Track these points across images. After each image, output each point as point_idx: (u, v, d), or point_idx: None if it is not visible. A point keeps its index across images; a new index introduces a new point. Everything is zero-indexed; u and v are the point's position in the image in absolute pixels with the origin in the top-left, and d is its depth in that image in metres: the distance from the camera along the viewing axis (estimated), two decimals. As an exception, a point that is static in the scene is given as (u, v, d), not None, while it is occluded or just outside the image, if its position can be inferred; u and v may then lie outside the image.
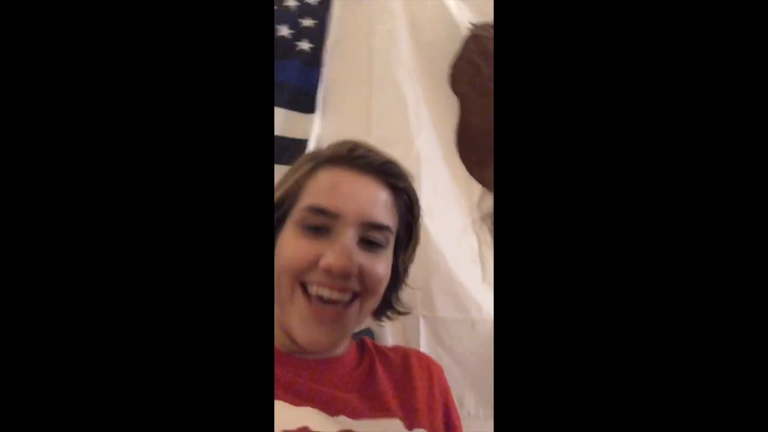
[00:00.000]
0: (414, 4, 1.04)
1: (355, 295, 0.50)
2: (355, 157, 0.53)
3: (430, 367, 0.57)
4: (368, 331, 0.80)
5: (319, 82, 0.96)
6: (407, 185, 0.56)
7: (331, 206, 0.49)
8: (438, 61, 0.99)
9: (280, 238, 0.51)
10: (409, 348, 0.61)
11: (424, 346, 0.83)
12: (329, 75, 0.99)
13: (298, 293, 0.48)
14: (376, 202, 0.51)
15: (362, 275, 0.49)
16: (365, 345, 0.58)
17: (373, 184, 0.52)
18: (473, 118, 0.97)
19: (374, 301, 0.53)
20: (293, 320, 0.49)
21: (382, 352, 0.58)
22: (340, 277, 0.47)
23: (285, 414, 0.43)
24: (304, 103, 0.94)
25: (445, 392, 0.57)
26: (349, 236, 0.48)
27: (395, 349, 0.59)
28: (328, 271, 0.47)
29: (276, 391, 0.43)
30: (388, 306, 0.59)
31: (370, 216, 0.50)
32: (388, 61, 0.99)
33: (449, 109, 0.97)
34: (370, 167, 0.53)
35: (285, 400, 0.45)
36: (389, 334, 0.84)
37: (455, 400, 0.59)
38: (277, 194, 0.54)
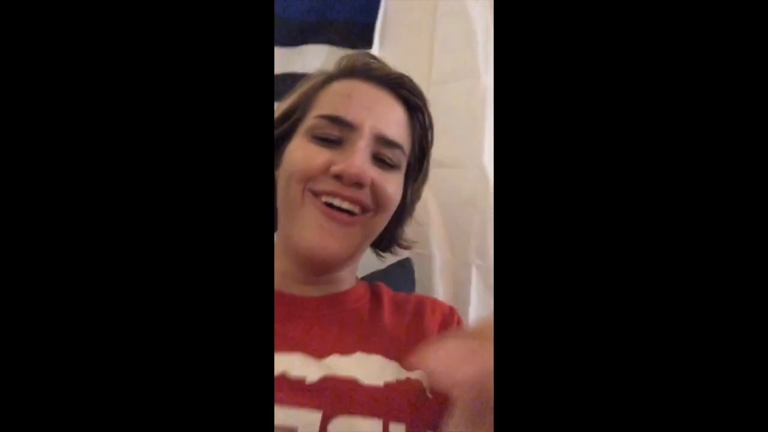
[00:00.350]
0: None
1: (365, 211, 0.48)
2: (371, 68, 0.51)
3: (444, 313, 0.54)
4: (407, 261, 0.78)
5: (378, 14, 0.90)
6: (422, 104, 0.53)
7: (347, 115, 0.47)
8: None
9: (289, 147, 0.50)
10: (426, 296, 0.57)
11: (475, 295, 0.80)
12: (391, 5, 0.92)
13: (309, 199, 0.47)
14: (391, 118, 0.49)
15: (373, 190, 0.47)
16: (378, 290, 0.55)
17: (389, 98, 0.50)
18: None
19: (383, 221, 0.50)
20: (302, 226, 0.46)
21: (395, 299, 0.54)
22: (352, 184, 0.45)
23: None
24: (363, 37, 0.89)
25: None
26: (363, 146, 0.46)
27: (410, 297, 0.56)
28: (340, 178, 0.45)
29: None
30: (391, 239, 0.57)
31: (385, 131, 0.48)
32: (458, -17, 0.88)
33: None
34: (385, 79, 0.51)
35: (276, 349, 0.43)
36: (439, 280, 0.83)
37: None
38: (286, 105, 0.52)
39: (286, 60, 0.89)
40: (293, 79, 0.92)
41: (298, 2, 0.90)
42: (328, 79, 0.52)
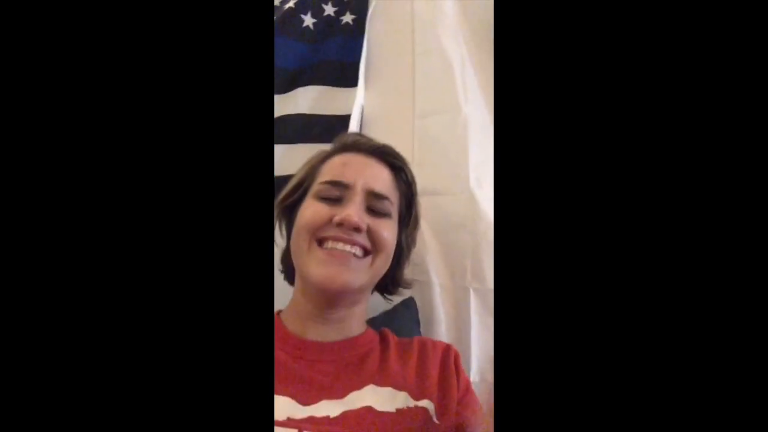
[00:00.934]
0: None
1: (366, 253, 0.58)
2: (360, 143, 0.66)
3: (443, 350, 0.62)
4: (411, 301, 0.80)
5: (362, 53, 0.95)
6: (403, 165, 0.67)
7: (343, 179, 0.60)
8: (483, 18, 0.93)
9: (301, 208, 0.62)
10: (426, 338, 0.67)
11: (475, 319, 0.82)
12: (372, 45, 0.97)
13: (314, 245, 0.58)
14: (379, 177, 0.62)
15: (370, 234, 0.58)
16: (384, 334, 0.64)
17: (375, 162, 0.64)
18: (525, 77, 0.90)
19: (384, 262, 0.61)
20: (310, 265, 0.57)
21: (400, 342, 0.63)
22: (351, 229, 0.56)
23: None
24: (348, 76, 0.94)
25: (459, 373, 0.60)
26: (358, 200, 0.58)
27: (413, 340, 0.64)
28: (341, 225, 0.56)
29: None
30: (393, 280, 0.68)
31: (374, 187, 0.60)
32: (432, 24, 0.94)
33: (498, 69, 0.92)
34: (372, 149, 0.65)
35: (303, 395, 0.51)
36: (440, 306, 0.84)
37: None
38: (299, 176, 0.66)
39: (282, 105, 0.94)
40: (287, 121, 0.95)
41: (291, 52, 0.96)
42: (328, 155, 0.66)
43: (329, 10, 0.99)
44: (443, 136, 0.89)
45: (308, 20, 0.99)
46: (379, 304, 0.75)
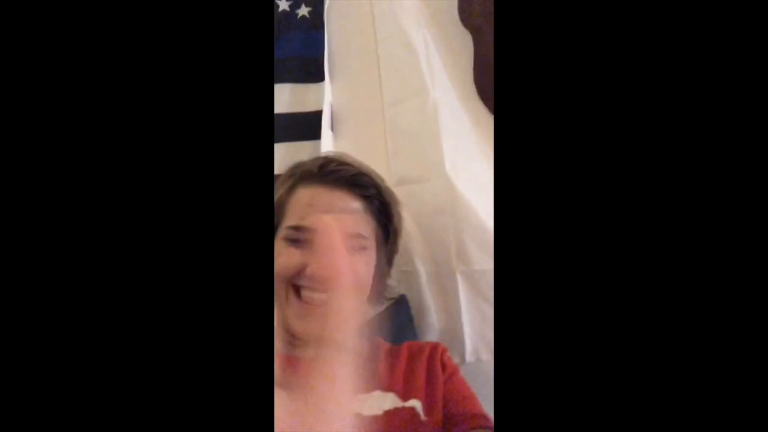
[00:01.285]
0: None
1: None
2: (327, 173, 0.60)
3: (431, 348, 0.62)
4: (402, 298, 0.81)
5: (324, 47, 0.93)
6: (376, 192, 0.63)
7: (309, 223, 0.57)
8: (443, -2, 0.91)
9: (275, 251, 0.59)
10: (414, 341, 0.69)
11: (464, 301, 0.83)
12: (332, 37, 0.95)
13: (291, 295, 0.57)
14: (349, 215, 0.59)
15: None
16: (376, 342, 0.64)
17: (345, 196, 0.60)
18: (488, 51, 0.89)
19: (363, 294, 0.60)
20: (290, 317, 0.56)
21: (390, 349, 0.64)
22: (323, 282, 0.52)
23: None
24: (312, 72, 0.92)
25: (445, 367, 0.61)
26: (326, 246, 0.54)
27: (402, 346, 0.65)
28: (312, 278, 0.55)
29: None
30: (378, 295, 0.68)
31: (344, 228, 0.57)
32: (391, 9, 0.92)
33: (463, 47, 0.90)
34: (341, 181, 0.60)
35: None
36: (429, 293, 0.85)
37: None
38: None
39: None
40: None
41: None
42: (292, 186, 0.62)
43: (283, 4, 0.96)
44: (414, 122, 0.88)
45: (264, 18, 0.96)
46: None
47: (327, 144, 0.90)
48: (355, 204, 0.60)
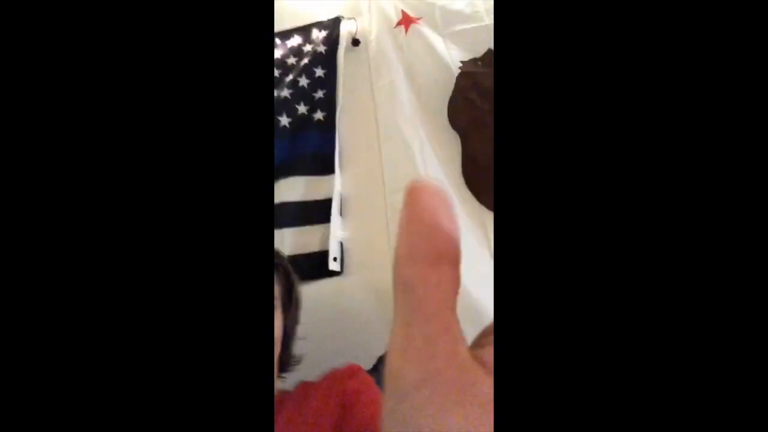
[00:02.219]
0: (408, 54, 1.14)
1: None
2: None
3: (353, 370, 0.70)
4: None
5: (336, 145, 1.10)
6: (280, 260, 0.77)
7: None
8: (436, 103, 1.08)
9: None
10: (335, 370, 0.74)
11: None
12: (342, 136, 1.13)
13: None
14: None
15: None
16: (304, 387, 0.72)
17: None
18: (474, 149, 1.04)
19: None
20: None
21: (314, 385, 0.71)
22: None
23: None
24: (325, 166, 1.09)
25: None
26: None
27: (325, 378, 0.72)
28: None
29: None
30: (284, 361, 0.76)
31: None
32: (392, 111, 1.10)
33: (452, 145, 1.06)
34: None
35: None
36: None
37: None
38: None
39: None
40: (279, 208, 1.07)
41: (276, 149, 1.11)
42: None
43: (302, 109, 1.15)
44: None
45: (284, 120, 1.15)
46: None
47: (336, 227, 1.04)
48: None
